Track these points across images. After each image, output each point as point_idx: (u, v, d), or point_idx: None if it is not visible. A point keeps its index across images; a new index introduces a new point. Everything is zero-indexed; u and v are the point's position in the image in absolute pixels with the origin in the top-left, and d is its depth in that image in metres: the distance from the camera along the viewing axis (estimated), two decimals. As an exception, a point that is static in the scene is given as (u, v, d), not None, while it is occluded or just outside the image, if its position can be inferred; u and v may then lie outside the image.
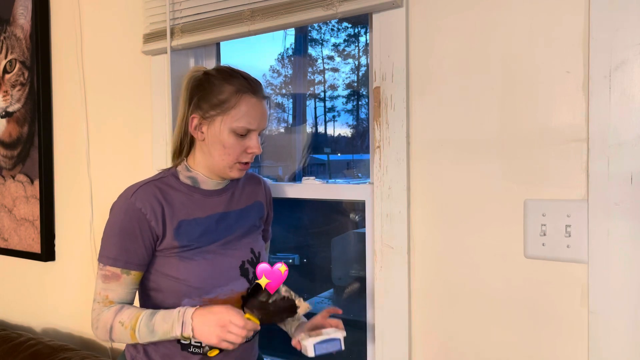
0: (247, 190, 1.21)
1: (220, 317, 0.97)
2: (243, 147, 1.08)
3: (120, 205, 1.06)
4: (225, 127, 1.06)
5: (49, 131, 1.85)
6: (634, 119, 0.92)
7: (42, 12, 1.83)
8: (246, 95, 1.06)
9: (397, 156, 1.17)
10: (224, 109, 1.06)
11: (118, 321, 1.02)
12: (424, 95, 1.15)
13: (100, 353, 1.75)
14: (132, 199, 1.05)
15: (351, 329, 1.10)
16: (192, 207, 1.09)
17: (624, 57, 0.93)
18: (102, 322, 1.04)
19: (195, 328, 0.98)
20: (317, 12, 1.21)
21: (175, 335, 0.99)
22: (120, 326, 1.02)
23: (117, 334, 1.03)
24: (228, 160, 1.08)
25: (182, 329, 0.98)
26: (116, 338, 1.03)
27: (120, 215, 1.05)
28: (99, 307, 1.06)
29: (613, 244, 0.94)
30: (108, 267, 1.04)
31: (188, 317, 0.99)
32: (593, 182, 0.96)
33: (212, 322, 0.97)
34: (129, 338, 1.02)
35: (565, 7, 0.99)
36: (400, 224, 1.17)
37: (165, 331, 1.00)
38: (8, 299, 2.07)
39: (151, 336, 1.01)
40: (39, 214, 1.85)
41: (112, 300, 1.05)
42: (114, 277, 1.04)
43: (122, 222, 1.04)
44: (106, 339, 1.05)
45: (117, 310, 1.04)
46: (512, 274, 1.06)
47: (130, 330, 1.01)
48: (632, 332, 0.93)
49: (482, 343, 1.10)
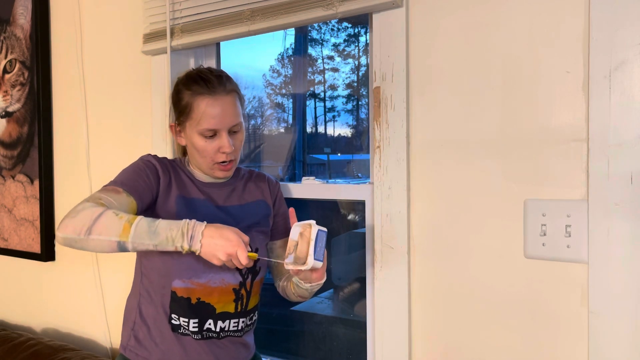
0: (250, 188, 1.22)
1: (229, 246, 0.94)
2: (215, 147, 1.09)
3: (138, 159, 1.14)
4: (193, 131, 1.10)
5: (49, 131, 1.85)
6: (634, 119, 0.92)
7: (42, 12, 1.83)
8: (200, 97, 1.08)
9: (397, 156, 1.17)
10: (187, 114, 1.10)
11: (112, 211, 0.95)
12: (424, 95, 1.15)
13: (100, 353, 1.75)
14: (148, 156, 1.14)
15: (351, 329, 1.11)
16: (192, 189, 1.14)
17: (624, 57, 0.93)
18: (86, 210, 0.94)
19: (203, 245, 0.94)
20: (317, 12, 1.21)
21: (180, 245, 0.94)
22: (113, 216, 0.94)
23: (103, 224, 0.93)
24: (205, 162, 1.11)
25: (191, 242, 0.94)
26: (98, 230, 0.92)
27: (137, 162, 1.12)
28: (85, 203, 0.97)
29: (613, 244, 0.94)
30: (110, 185, 1.05)
31: (198, 232, 0.94)
32: (593, 182, 0.96)
33: (220, 249, 0.94)
34: (117, 231, 0.92)
35: (565, 7, 0.99)
36: (400, 224, 1.17)
37: (169, 237, 0.94)
38: (8, 299, 2.07)
39: (149, 237, 0.93)
40: (39, 214, 1.85)
41: (104, 204, 0.98)
42: (114, 190, 1.03)
43: (135, 165, 1.11)
44: (78, 232, 0.93)
45: (107, 206, 0.97)
46: (512, 274, 1.06)
47: (126, 222, 0.93)
48: (632, 332, 0.93)
49: (482, 343, 1.10)
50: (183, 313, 1.09)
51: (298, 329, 1.67)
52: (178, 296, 1.09)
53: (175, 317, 1.10)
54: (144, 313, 1.13)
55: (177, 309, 1.09)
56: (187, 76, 1.13)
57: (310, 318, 1.67)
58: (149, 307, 1.12)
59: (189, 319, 1.09)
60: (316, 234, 0.98)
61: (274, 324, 1.70)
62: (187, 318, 1.09)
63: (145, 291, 1.13)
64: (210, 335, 1.11)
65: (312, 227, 0.99)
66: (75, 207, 0.97)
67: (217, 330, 1.11)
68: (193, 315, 1.09)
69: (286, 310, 1.67)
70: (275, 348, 1.60)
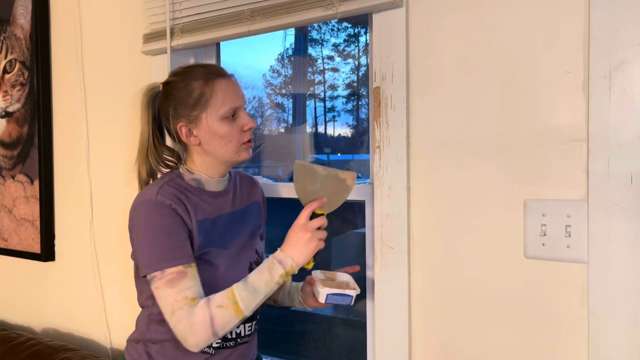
0: (245, 191, 1.21)
1: (302, 235, 1.00)
2: (239, 128, 1.07)
3: (149, 210, 1.00)
4: (213, 119, 1.05)
5: (49, 131, 1.85)
6: (634, 119, 0.92)
7: (42, 12, 1.83)
8: (216, 80, 1.06)
9: (397, 156, 1.17)
10: (203, 104, 1.05)
11: (215, 307, 0.95)
12: (424, 95, 1.15)
13: (100, 353, 1.75)
14: (158, 199, 1.00)
15: (351, 329, 1.11)
16: (204, 207, 1.07)
17: (624, 57, 0.93)
18: (197, 322, 0.95)
19: (294, 257, 1.00)
20: (317, 12, 1.21)
21: (279, 277, 0.98)
22: (220, 310, 0.95)
23: (220, 320, 0.95)
24: (232, 147, 1.07)
25: (284, 267, 0.99)
26: (219, 326, 0.95)
27: (154, 217, 1.00)
28: (186, 311, 0.95)
29: (613, 244, 0.94)
30: (168, 270, 0.96)
31: (281, 255, 1.00)
32: (593, 182, 0.96)
33: (301, 243, 1.00)
34: (234, 316, 0.96)
35: (565, 7, 0.99)
36: (400, 224, 1.17)
37: (267, 281, 0.98)
38: (8, 299, 2.07)
39: (255, 296, 0.97)
40: (39, 214, 1.85)
41: (193, 296, 0.96)
42: (180, 275, 0.97)
43: (159, 223, 0.99)
44: (207, 339, 0.96)
45: (206, 301, 0.96)
46: (512, 274, 1.06)
47: (233, 305, 0.96)
48: (632, 332, 0.93)
49: (482, 343, 1.10)
50: None
51: (298, 329, 1.67)
52: None
53: None
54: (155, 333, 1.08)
55: None
56: (180, 73, 1.09)
57: (310, 318, 1.67)
58: (162, 327, 1.07)
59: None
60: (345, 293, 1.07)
61: (274, 324, 1.70)
62: None
63: (158, 315, 1.06)
64: (228, 345, 1.10)
65: (349, 285, 1.12)
66: (177, 327, 0.95)
67: (234, 336, 1.10)
68: None
69: (286, 311, 1.67)
70: (275, 348, 1.60)
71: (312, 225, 1.01)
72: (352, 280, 1.14)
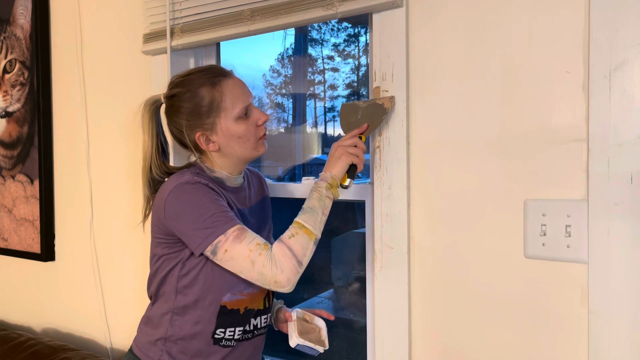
0: (256, 186, 1.24)
1: (335, 151, 1.08)
2: (253, 124, 1.09)
3: (189, 189, 1.01)
4: (228, 122, 1.06)
5: (49, 131, 1.85)
6: (634, 119, 0.92)
7: (42, 12, 1.83)
8: (221, 82, 1.06)
9: (397, 156, 1.17)
10: (216, 110, 1.05)
11: (288, 239, 0.98)
12: (424, 95, 1.15)
13: (100, 353, 1.75)
14: (196, 178, 1.02)
15: (351, 329, 1.11)
16: (231, 199, 1.09)
17: (624, 57, 0.93)
18: (279, 258, 0.96)
19: (331, 171, 1.06)
20: (317, 12, 1.21)
21: (325, 190, 1.04)
22: (294, 239, 0.98)
23: (298, 247, 0.97)
24: (250, 144, 1.09)
25: (326, 180, 1.05)
26: (300, 253, 0.97)
27: (197, 195, 1.00)
28: (265, 255, 0.96)
29: (613, 244, 0.94)
30: (229, 230, 0.97)
31: (321, 174, 1.06)
32: (593, 182, 0.96)
33: (334, 158, 1.07)
34: (307, 239, 0.99)
35: (565, 7, 0.99)
36: (400, 224, 1.17)
37: (318, 197, 1.03)
38: (8, 299, 2.07)
39: (315, 214, 1.02)
40: (39, 214, 1.85)
41: (265, 242, 0.98)
42: (242, 230, 0.98)
43: (204, 197, 1.00)
44: (296, 270, 0.97)
45: (278, 241, 0.99)
46: (512, 274, 1.06)
47: (302, 229, 0.99)
48: (632, 332, 0.93)
49: (482, 343, 1.10)
50: (230, 324, 1.08)
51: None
52: (228, 309, 1.07)
53: (221, 330, 1.08)
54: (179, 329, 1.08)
55: (225, 322, 1.07)
56: (185, 81, 1.08)
57: (310, 318, 1.67)
58: (186, 324, 1.07)
59: (234, 328, 1.09)
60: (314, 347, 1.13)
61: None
62: (233, 328, 1.09)
63: (181, 309, 1.07)
64: (246, 337, 1.12)
65: (321, 334, 1.17)
66: (264, 268, 0.96)
67: (252, 329, 1.13)
68: (239, 325, 1.10)
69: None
70: (275, 348, 1.60)
71: (344, 142, 1.08)
72: (324, 329, 1.18)
